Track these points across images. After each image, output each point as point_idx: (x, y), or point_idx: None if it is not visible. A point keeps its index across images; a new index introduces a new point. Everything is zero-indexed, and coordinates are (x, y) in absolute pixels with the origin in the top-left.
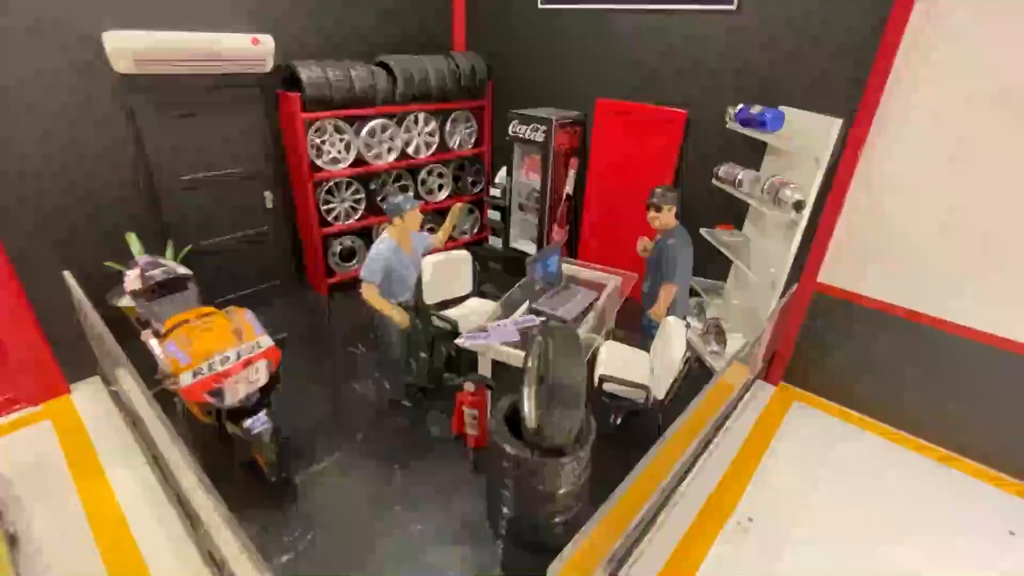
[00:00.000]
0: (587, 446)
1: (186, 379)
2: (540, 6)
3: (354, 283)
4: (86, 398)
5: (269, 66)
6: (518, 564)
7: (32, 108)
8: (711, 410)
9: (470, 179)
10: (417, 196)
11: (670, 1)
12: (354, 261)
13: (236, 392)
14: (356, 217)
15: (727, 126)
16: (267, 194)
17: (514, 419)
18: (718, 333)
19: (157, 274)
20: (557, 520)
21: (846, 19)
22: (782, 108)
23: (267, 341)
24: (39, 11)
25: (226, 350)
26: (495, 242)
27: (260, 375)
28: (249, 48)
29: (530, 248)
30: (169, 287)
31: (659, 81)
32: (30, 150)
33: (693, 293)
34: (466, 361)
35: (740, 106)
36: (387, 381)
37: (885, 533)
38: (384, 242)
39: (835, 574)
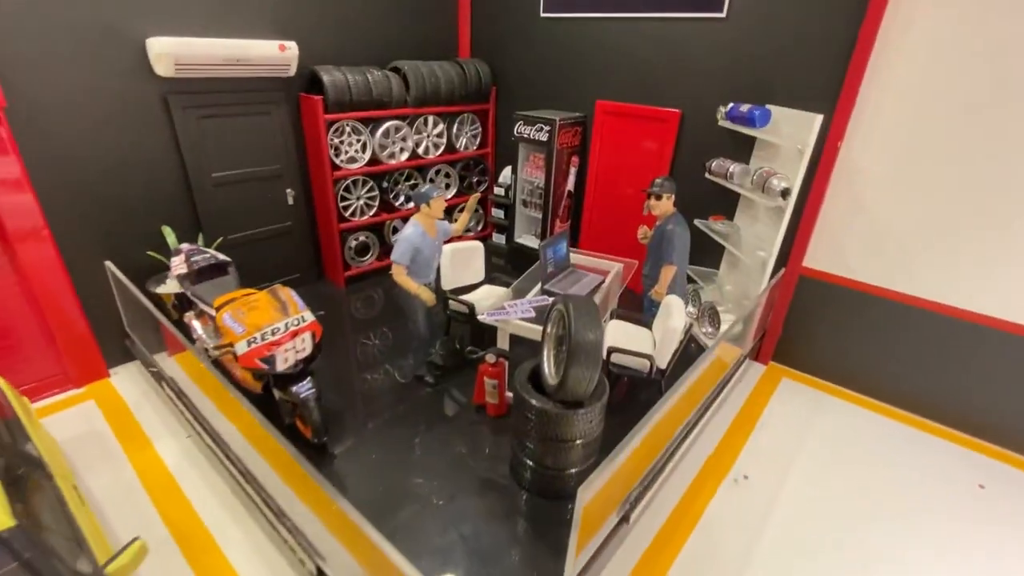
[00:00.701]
0: (602, 399)
1: (242, 347)
2: (542, 14)
3: (368, 276)
4: (124, 380)
5: (293, 70)
6: (540, 509)
7: (77, 109)
8: (709, 380)
9: (475, 178)
10: None
11: (665, 9)
12: (368, 255)
13: (286, 359)
14: (371, 213)
15: (718, 124)
16: (289, 191)
17: (535, 381)
18: (712, 316)
19: (201, 260)
20: (574, 471)
21: (826, 24)
22: (769, 106)
23: (310, 316)
24: (88, 15)
25: (275, 323)
26: (498, 239)
27: (306, 345)
28: (276, 54)
29: (533, 243)
30: (211, 272)
31: (655, 83)
32: (74, 148)
33: (688, 280)
34: (487, 339)
35: (730, 105)
36: (411, 358)
37: (867, 489)
38: (412, 227)
39: (821, 524)
